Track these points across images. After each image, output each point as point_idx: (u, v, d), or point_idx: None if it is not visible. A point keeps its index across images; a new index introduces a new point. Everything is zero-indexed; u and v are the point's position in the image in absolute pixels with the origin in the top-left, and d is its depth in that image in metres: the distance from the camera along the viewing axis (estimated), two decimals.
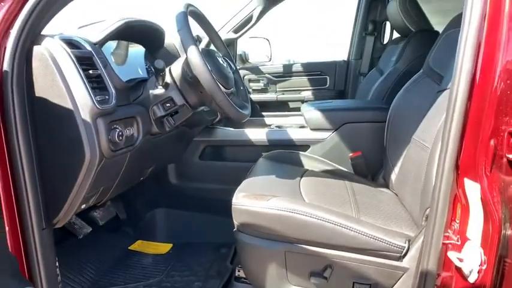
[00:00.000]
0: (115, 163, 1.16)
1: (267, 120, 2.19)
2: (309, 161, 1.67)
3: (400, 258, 1.06)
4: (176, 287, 1.45)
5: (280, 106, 2.98)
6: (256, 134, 1.81)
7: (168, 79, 1.30)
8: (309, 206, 1.10)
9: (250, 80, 3.01)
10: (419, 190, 1.14)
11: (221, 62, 1.37)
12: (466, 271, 0.82)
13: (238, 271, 1.26)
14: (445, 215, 0.87)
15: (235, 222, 1.17)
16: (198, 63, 1.15)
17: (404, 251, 1.05)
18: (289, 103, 2.98)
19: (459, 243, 0.86)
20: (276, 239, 1.11)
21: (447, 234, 0.89)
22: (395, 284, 1.07)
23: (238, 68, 3.00)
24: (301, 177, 1.42)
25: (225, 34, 2.54)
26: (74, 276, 1.51)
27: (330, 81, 2.94)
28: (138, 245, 1.81)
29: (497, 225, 0.74)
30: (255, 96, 2.98)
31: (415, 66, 1.97)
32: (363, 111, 1.74)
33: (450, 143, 0.83)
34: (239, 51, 3.05)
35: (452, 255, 0.84)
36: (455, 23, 1.35)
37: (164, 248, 1.78)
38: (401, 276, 1.06)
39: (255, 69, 3.02)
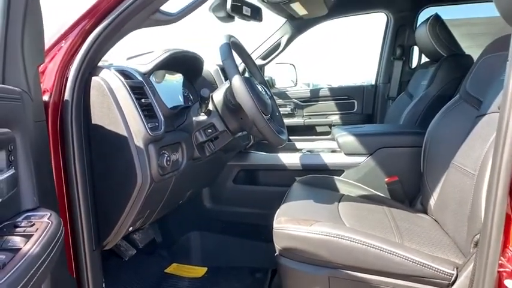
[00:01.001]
0: (162, 187, 1.20)
1: (297, 145, 2.21)
2: (345, 185, 1.68)
3: (448, 286, 1.04)
4: None
5: (308, 130, 3.01)
6: (289, 159, 1.83)
7: (210, 106, 1.35)
8: (352, 231, 1.10)
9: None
10: (463, 216, 1.13)
11: (260, 89, 1.42)
12: None
13: None
14: (500, 242, 0.85)
15: (277, 247, 1.18)
16: (242, 91, 1.19)
17: (453, 279, 1.03)
18: (317, 127, 3.01)
19: None
20: (320, 264, 1.11)
21: (500, 262, 0.88)
22: None
23: None
24: (339, 201, 1.43)
25: None
26: None
27: (357, 105, 2.95)
28: (174, 268, 1.82)
29: None
30: None
31: (447, 90, 1.98)
32: (398, 135, 1.75)
33: (503, 168, 0.83)
34: (266, 77, 3.12)
35: (510, 284, 0.82)
36: (493, 48, 1.37)
37: (199, 271, 1.79)
38: None
39: (282, 94, 3.08)
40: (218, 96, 1.36)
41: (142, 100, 1.09)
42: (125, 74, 1.12)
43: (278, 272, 1.19)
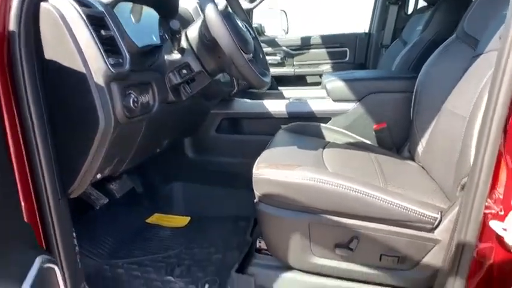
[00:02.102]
0: (130, 131, 1.12)
1: (285, 94, 2.11)
2: (331, 133, 1.60)
3: (432, 230, 1.00)
4: (195, 259, 1.42)
5: (298, 81, 2.90)
6: (274, 106, 1.74)
7: (184, 44, 1.24)
8: (334, 176, 1.04)
9: (266, 54, 2.91)
10: (451, 161, 1.07)
11: (241, 25, 1.30)
12: (509, 241, 0.75)
13: (260, 242, 1.23)
14: (489, 183, 0.80)
15: (257, 193, 1.12)
16: (216, 24, 1.07)
17: (437, 223, 0.99)
18: (307, 77, 2.90)
19: (502, 213, 0.79)
20: (300, 209, 1.06)
21: (487, 204, 0.82)
22: (424, 256, 1.01)
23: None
24: (324, 148, 1.36)
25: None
26: (92, 248, 1.50)
27: (350, 54, 2.83)
28: (156, 218, 1.79)
29: None
30: (271, 70, 2.89)
31: (443, 34, 1.85)
32: (388, 80, 1.65)
33: (499, 105, 0.75)
34: (254, 23, 2.95)
35: (494, 224, 0.77)
36: None
37: (182, 221, 1.75)
38: (431, 249, 1.00)
39: (271, 42, 2.93)
40: (193, 32, 1.24)
41: (103, 32, 0.98)
42: (81, 1, 0.99)
43: (257, 219, 1.14)
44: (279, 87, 2.84)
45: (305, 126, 1.62)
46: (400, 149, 1.58)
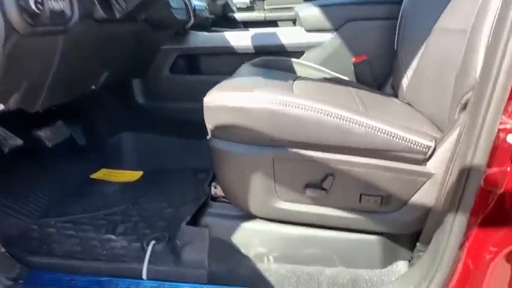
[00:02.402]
0: (40, 47, 0.85)
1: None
2: (304, 68, 1.38)
3: (423, 162, 0.81)
4: (143, 215, 1.20)
5: (269, 26, 2.62)
6: (238, 39, 1.49)
7: None
8: (303, 98, 0.82)
9: None
10: (444, 86, 0.88)
11: None
12: None
13: (215, 188, 1.01)
14: (508, 89, 0.60)
15: (209, 126, 0.89)
16: None
17: (430, 152, 0.79)
18: (279, 23, 2.62)
19: None
20: (261, 142, 0.84)
21: (500, 119, 0.63)
22: (414, 194, 0.82)
23: None
24: (294, 80, 1.14)
25: None
26: (21, 206, 1.25)
27: None
28: (103, 174, 1.54)
29: None
30: (239, 15, 2.61)
31: None
32: (370, 5, 1.42)
33: None
34: None
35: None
36: None
37: (133, 175, 1.52)
38: (423, 185, 0.81)
39: None
40: None
41: None
42: None
43: (211, 159, 0.92)
44: None
45: (274, 61, 1.38)
46: (381, 85, 1.38)
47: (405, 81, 1.20)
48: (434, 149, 0.80)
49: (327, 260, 0.90)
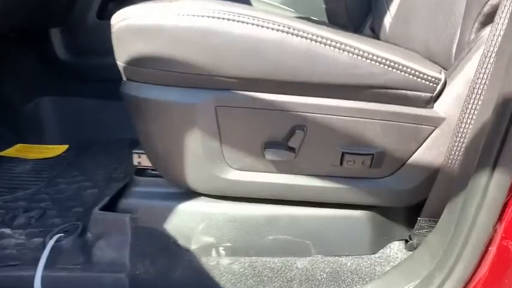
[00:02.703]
0: None
1: None
2: (264, 6, 1.10)
3: (430, 102, 0.56)
4: (57, 199, 0.91)
5: None
6: None
7: None
8: (261, 12, 0.55)
9: None
10: (447, 8, 0.63)
11: None
12: None
13: (139, 157, 0.74)
14: None
15: (120, 64, 0.61)
16: None
17: (439, 88, 0.55)
18: None
19: None
20: (197, 82, 0.56)
21: None
22: (417, 149, 0.59)
23: None
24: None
25: None
26: None
27: None
28: (17, 150, 1.22)
29: None
30: None
31: None
32: None
33: None
34: None
35: None
36: None
37: (55, 150, 1.20)
38: (429, 135, 0.57)
39: None
40: None
41: None
42: None
43: (129, 114, 0.64)
44: None
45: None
46: (358, 27, 1.13)
47: (388, 19, 0.96)
48: (445, 85, 0.56)
49: (299, 248, 0.66)
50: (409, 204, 0.64)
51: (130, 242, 0.65)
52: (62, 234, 0.73)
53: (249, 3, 1.09)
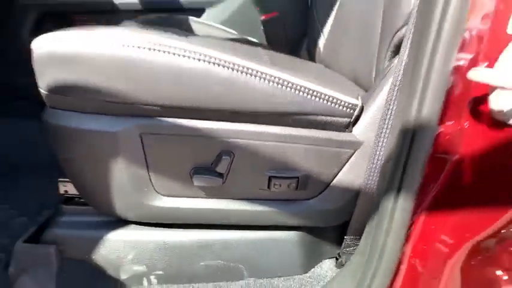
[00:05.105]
0: None
1: None
2: (203, 28, 1.11)
3: (348, 127, 0.59)
4: None
5: None
6: None
7: None
8: (186, 42, 0.55)
9: None
10: (369, 37, 0.68)
11: None
12: (504, 102, 0.37)
13: (64, 185, 0.71)
14: (466, 7, 0.39)
15: (42, 90, 0.59)
16: None
17: (357, 113, 0.58)
18: None
19: (487, 57, 0.41)
20: (121, 110, 0.55)
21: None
22: (339, 171, 0.61)
23: None
24: (187, 36, 0.86)
25: None
26: None
27: None
28: None
29: None
30: None
31: None
32: None
33: None
34: None
35: (478, 74, 0.38)
36: None
37: None
38: (349, 158, 0.60)
39: None
40: None
41: None
42: None
43: (52, 142, 0.62)
44: None
45: (167, 20, 1.09)
46: (296, 48, 1.17)
47: (322, 41, 1.01)
48: (362, 110, 0.59)
49: (232, 273, 0.66)
50: (336, 223, 0.67)
51: (56, 276, 0.62)
52: None
53: (189, 25, 1.09)
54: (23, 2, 1.14)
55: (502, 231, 0.44)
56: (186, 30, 1.08)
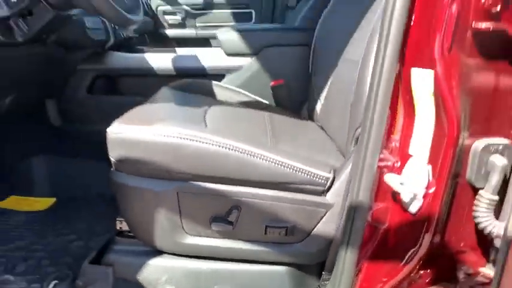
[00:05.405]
0: None
1: (180, 52, 1.83)
2: (223, 91, 1.38)
3: (323, 193, 0.83)
4: (49, 250, 1.11)
5: (201, 43, 2.61)
6: (159, 61, 1.46)
7: None
8: (208, 132, 0.82)
9: (165, 12, 2.57)
10: (346, 113, 0.92)
11: None
12: (406, 198, 0.60)
13: (120, 223, 0.97)
14: (383, 126, 0.63)
15: (112, 159, 0.85)
16: None
17: (329, 183, 0.82)
18: (211, 40, 2.62)
19: (399, 164, 0.64)
20: (165, 176, 0.82)
21: (382, 155, 0.67)
22: (316, 224, 0.85)
23: None
24: (210, 106, 1.13)
25: None
26: None
27: (255, 16, 2.61)
28: (10, 202, 1.41)
29: (454, 128, 0.52)
30: (171, 32, 2.57)
31: None
32: (286, 32, 1.47)
33: (393, 24, 0.57)
34: None
35: (389, 178, 0.62)
36: None
37: (44, 203, 1.41)
38: (324, 215, 0.84)
39: (170, 0, 2.58)
40: None
41: None
42: None
43: (115, 193, 0.88)
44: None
45: (194, 84, 1.37)
46: (299, 107, 1.42)
47: (318, 106, 1.25)
48: (334, 180, 0.83)
49: None
50: (316, 262, 0.90)
51: None
52: (57, 281, 0.95)
53: (212, 89, 1.36)
54: (82, 67, 1.44)
55: (411, 275, 0.66)
56: (209, 94, 1.36)
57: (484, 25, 0.48)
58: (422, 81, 0.55)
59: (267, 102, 1.41)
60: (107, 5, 0.91)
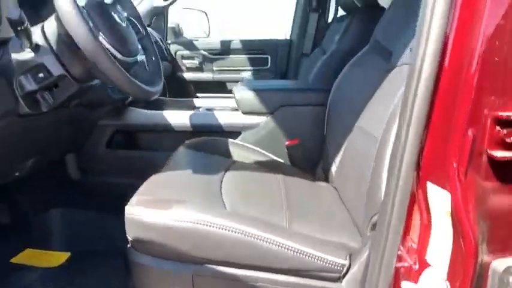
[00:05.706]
0: None
1: (198, 102, 1.88)
2: (239, 149, 1.40)
3: (339, 279, 0.82)
4: None
5: (217, 87, 2.68)
6: (177, 118, 1.50)
7: (39, 40, 0.94)
8: (226, 216, 0.83)
9: (183, 57, 2.66)
10: (363, 187, 0.92)
11: (118, 19, 1.03)
12: None
13: None
14: (401, 228, 0.63)
15: (129, 237, 0.87)
16: (68, 12, 0.81)
17: (345, 270, 0.82)
18: (227, 84, 2.69)
19: (416, 267, 0.64)
20: (181, 259, 0.82)
21: (399, 253, 0.66)
22: None
23: (170, 42, 2.65)
24: (226, 171, 1.15)
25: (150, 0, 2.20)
26: None
27: (271, 62, 2.67)
28: (25, 256, 1.43)
29: (473, 249, 0.52)
30: (189, 75, 2.65)
31: (359, 44, 1.76)
32: (302, 92, 1.50)
33: (411, 133, 0.58)
34: (171, 23, 2.69)
35: (407, 286, 0.61)
36: None
37: (59, 258, 1.42)
38: None
39: (189, 45, 2.68)
40: (51, 25, 0.96)
41: None
42: None
43: (129, 269, 0.89)
44: (198, 94, 2.61)
45: (211, 142, 1.39)
46: (314, 167, 1.43)
47: (334, 168, 1.25)
48: (349, 266, 0.82)
49: None
50: None
51: None
52: None
53: (228, 148, 1.38)
54: (102, 123, 1.48)
55: None
56: (226, 154, 1.38)
57: (499, 154, 0.48)
58: (439, 200, 0.55)
59: (282, 160, 1.42)
60: (128, 81, 0.95)
